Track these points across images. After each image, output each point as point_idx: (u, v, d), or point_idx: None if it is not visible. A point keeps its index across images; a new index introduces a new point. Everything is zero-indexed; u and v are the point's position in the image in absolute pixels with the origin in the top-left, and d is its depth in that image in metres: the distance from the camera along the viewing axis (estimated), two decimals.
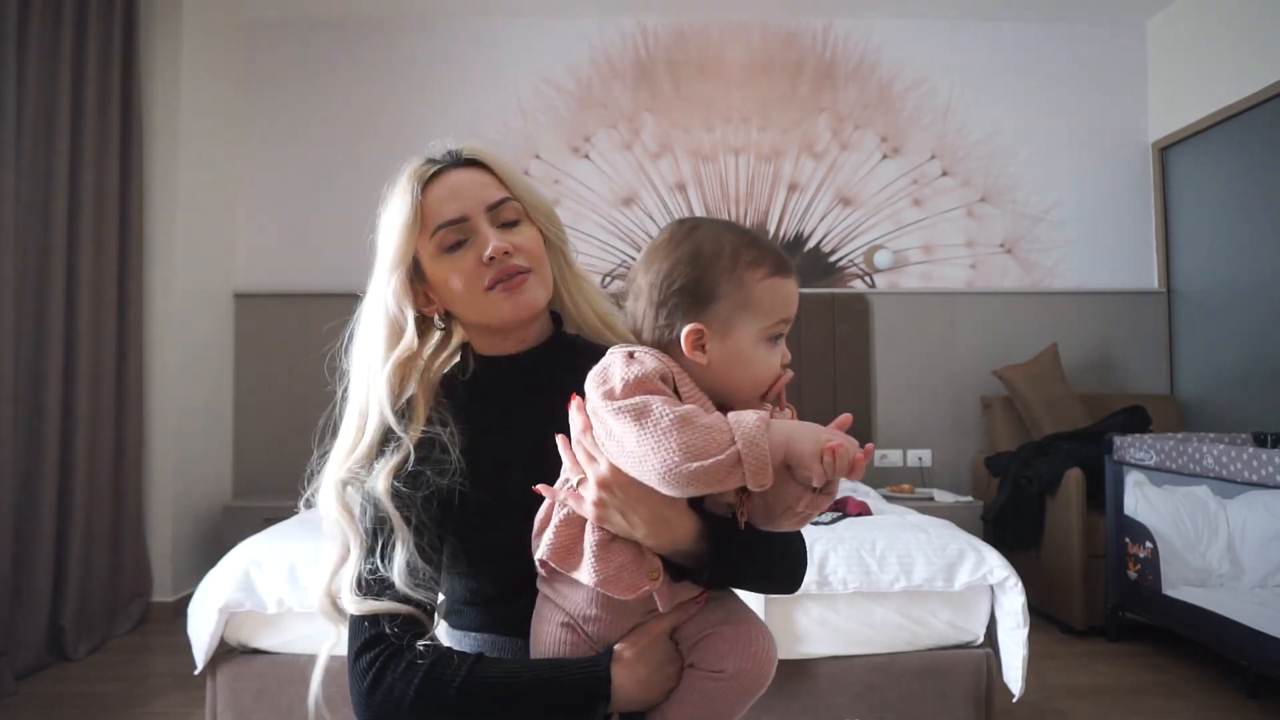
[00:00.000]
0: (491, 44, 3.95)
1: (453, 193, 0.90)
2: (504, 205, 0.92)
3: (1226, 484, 2.52)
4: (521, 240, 0.91)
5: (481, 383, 0.96)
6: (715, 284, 0.79)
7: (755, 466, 0.70)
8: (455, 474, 0.87)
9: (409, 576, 0.84)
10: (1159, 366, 3.92)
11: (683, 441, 0.70)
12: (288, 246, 3.88)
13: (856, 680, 1.92)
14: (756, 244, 0.81)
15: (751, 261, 0.79)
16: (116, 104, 3.09)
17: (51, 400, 2.77)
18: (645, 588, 0.78)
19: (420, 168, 0.92)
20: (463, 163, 0.93)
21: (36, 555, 2.70)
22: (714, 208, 3.95)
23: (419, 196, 0.90)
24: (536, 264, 0.92)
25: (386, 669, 0.81)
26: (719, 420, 0.73)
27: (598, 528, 0.78)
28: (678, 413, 0.72)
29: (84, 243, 2.92)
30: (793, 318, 0.82)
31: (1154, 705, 2.37)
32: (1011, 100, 3.98)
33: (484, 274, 0.89)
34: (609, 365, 0.79)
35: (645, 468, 0.73)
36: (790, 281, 0.81)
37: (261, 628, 1.92)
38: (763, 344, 0.80)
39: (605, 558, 0.77)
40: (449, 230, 0.89)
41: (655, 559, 0.79)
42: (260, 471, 3.78)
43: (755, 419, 0.72)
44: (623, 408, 0.74)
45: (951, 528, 2.11)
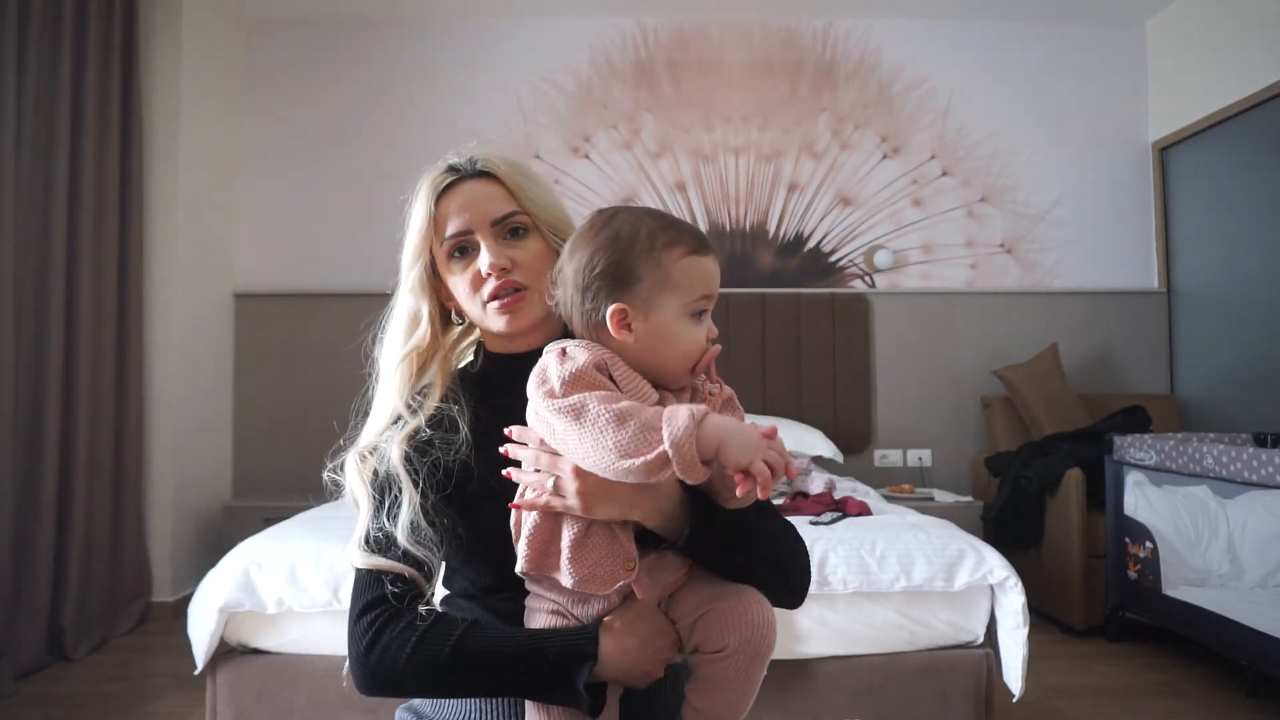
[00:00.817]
0: (491, 44, 3.95)
1: (462, 205, 0.96)
2: (509, 219, 0.96)
3: (1226, 484, 2.52)
4: (523, 255, 0.95)
5: (489, 378, 1.00)
6: (634, 265, 0.83)
7: (683, 465, 0.72)
8: (462, 449, 0.92)
9: (411, 534, 0.88)
10: (1159, 366, 3.92)
11: (616, 440, 0.74)
12: (288, 246, 3.87)
13: (856, 680, 1.92)
14: (673, 226, 0.85)
15: (669, 242, 0.83)
16: (116, 104, 3.09)
17: (51, 400, 2.77)
18: (621, 580, 0.80)
19: (438, 177, 0.98)
20: (477, 173, 0.98)
21: (36, 555, 2.70)
22: (714, 208, 3.95)
23: (433, 206, 0.96)
24: (534, 279, 0.95)
25: (385, 629, 0.85)
26: (654, 418, 0.74)
27: (573, 524, 0.81)
28: (614, 410, 0.75)
29: (84, 243, 2.92)
30: (714, 293, 0.85)
31: (1154, 705, 2.37)
32: (1011, 100, 3.98)
33: (483, 286, 0.94)
34: (546, 365, 0.82)
35: (588, 463, 0.77)
36: (707, 259, 0.84)
37: (261, 628, 1.91)
38: (685, 319, 0.83)
39: (580, 557, 0.80)
40: (455, 241, 0.96)
41: (631, 548, 0.81)
42: (260, 471, 3.78)
43: (686, 418, 0.73)
44: (562, 407, 0.77)
45: (951, 528, 2.11)
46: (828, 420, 3.77)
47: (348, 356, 0.98)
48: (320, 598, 1.85)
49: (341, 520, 2.30)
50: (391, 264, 1.03)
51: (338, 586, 1.85)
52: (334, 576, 1.86)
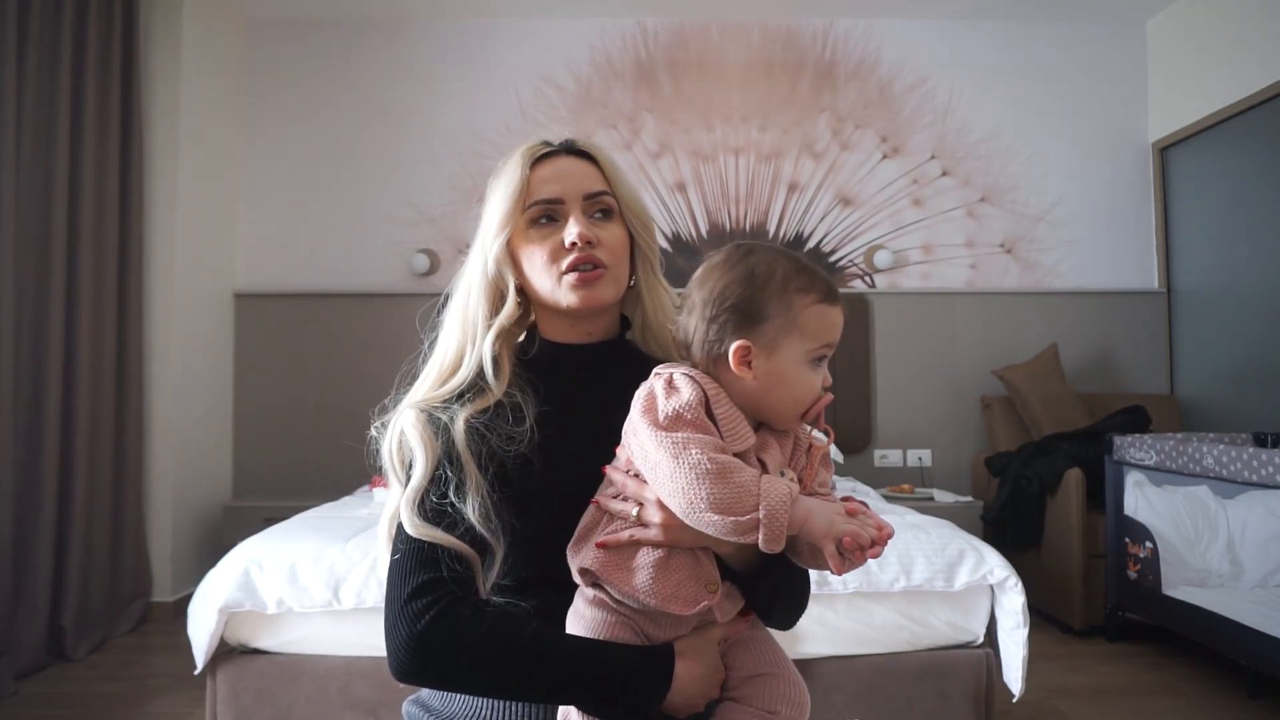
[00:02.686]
0: (491, 44, 3.95)
1: (557, 175, 0.95)
2: (600, 197, 0.95)
3: (1226, 484, 2.52)
4: (607, 236, 0.94)
5: (544, 364, 0.97)
6: (766, 304, 0.83)
7: (771, 535, 0.73)
8: (524, 441, 0.89)
9: (484, 520, 0.84)
10: (1159, 366, 3.92)
11: (712, 492, 0.74)
12: (288, 246, 3.87)
13: (856, 680, 1.92)
14: (808, 271, 0.85)
15: (801, 287, 0.84)
16: (116, 104, 3.09)
17: (51, 400, 2.77)
18: (704, 602, 0.80)
19: (534, 146, 0.98)
20: (574, 151, 0.98)
21: (36, 555, 2.70)
22: (714, 208, 3.95)
23: (528, 172, 0.95)
24: (614, 262, 0.94)
25: (448, 613, 0.80)
26: (751, 481, 0.75)
27: (655, 548, 0.81)
28: (717, 463, 0.76)
29: (84, 243, 2.92)
30: (835, 343, 0.86)
31: (1154, 705, 2.37)
32: (1011, 100, 3.98)
33: (563, 257, 0.92)
34: (653, 390, 0.83)
35: (672, 500, 0.77)
36: (836, 309, 0.85)
37: (261, 628, 1.91)
38: (806, 365, 0.84)
39: (664, 577, 0.80)
40: (543, 207, 0.94)
41: (714, 570, 0.82)
42: (260, 471, 3.78)
43: (785, 491, 0.75)
44: (662, 440, 0.78)
45: (951, 528, 2.11)
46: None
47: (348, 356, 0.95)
48: (320, 598, 1.85)
49: (342, 520, 2.30)
50: (390, 265, 1.01)
51: (338, 586, 1.85)
52: (334, 576, 1.86)
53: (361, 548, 1.93)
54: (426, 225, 3.83)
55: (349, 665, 1.89)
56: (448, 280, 1.03)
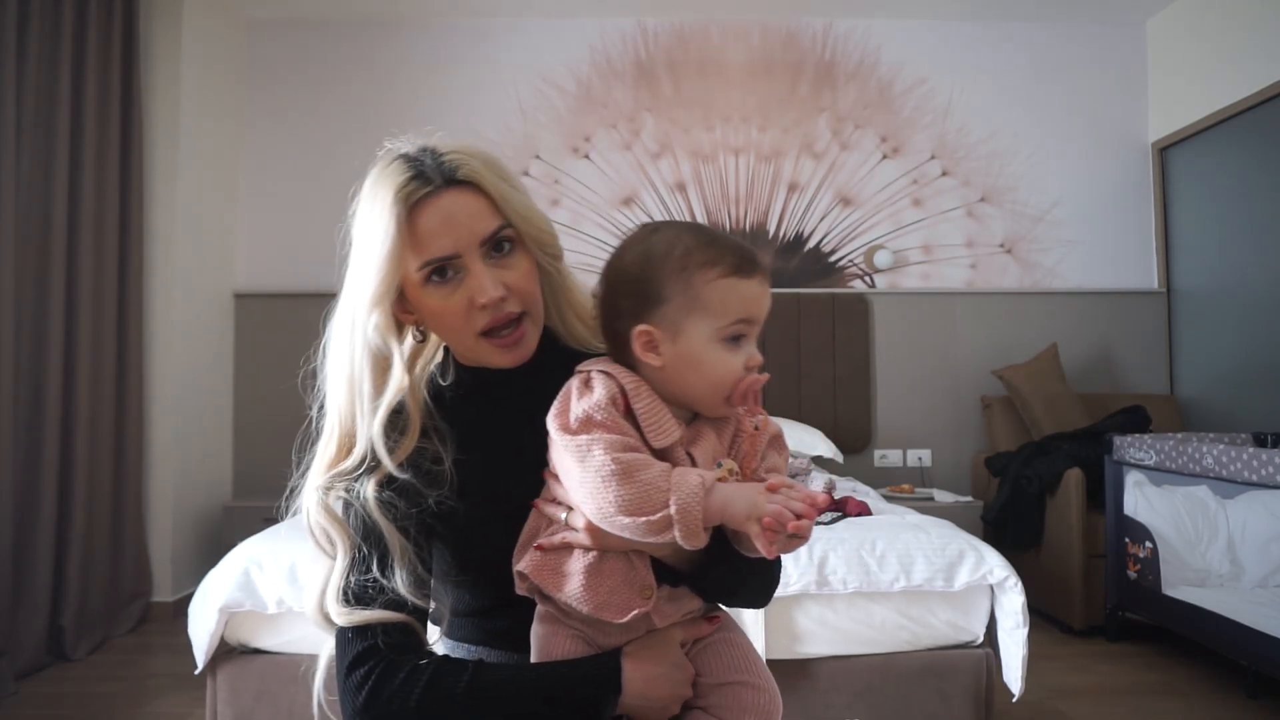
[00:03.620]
0: (491, 44, 3.95)
1: (444, 223, 0.82)
2: (498, 234, 0.84)
3: (1226, 484, 2.52)
4: (514, 278, 0.85)
5: (466, 391, 0.91)
6: (664, 284, 0.78)
7: (687, 530, 0.70)
8: (448, 486, 0.84)
9: (415, 588, 0.81)
10: (1159, 366, 3.92)
11: (619, 494, 0.71)
12: (288, 246, 3.87)
13: (856, 680, 1.92)
14: (714, 244, 0.79)
15: (704, 261, 0.78)
16: (116, 104, 3.09)
17: (51, 400, 2.77)
18: (636, 610, 0.77)
19: (405, 187, 0.82)
20: (454, 181, 0.84)
21: (36, 555, 2.70)
22: (714, 208, 3.95)
23: (404, 223, 0.81)
24: (530, 302, 0.86)
25: (384, 680, 0.77)
26: (660, 476, 0.71)
27: (587, 552, 0.77)
28: (621, 463, 0.72)
29: (84, 243, 2.92)
30: (756, 318, 0.79)
31: (1154, 705, 2.37)
32: (1011, 100, 3.98)
33: (475, 318, 0.83)
34: (569, 391, 0.79)
35: (588, 508, 0.74)
36: (750, 281, 0.78)
37: (261, 628, 1.92)
38: (718, 345, 0.78)
39: (595, 583, 0.76)
40: (439, 264, 0.83)
41: (648, 576, 0.78)
42: (260, 471, 3.78)
43: (696, 482, 0.71)
44: (568, 445, 0.75)
45: (951, 528, 2.11)
46: (828, 420, 3.77)
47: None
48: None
49: None
50: None
51: None
52: None
53: None
54: None
55: None
56: None
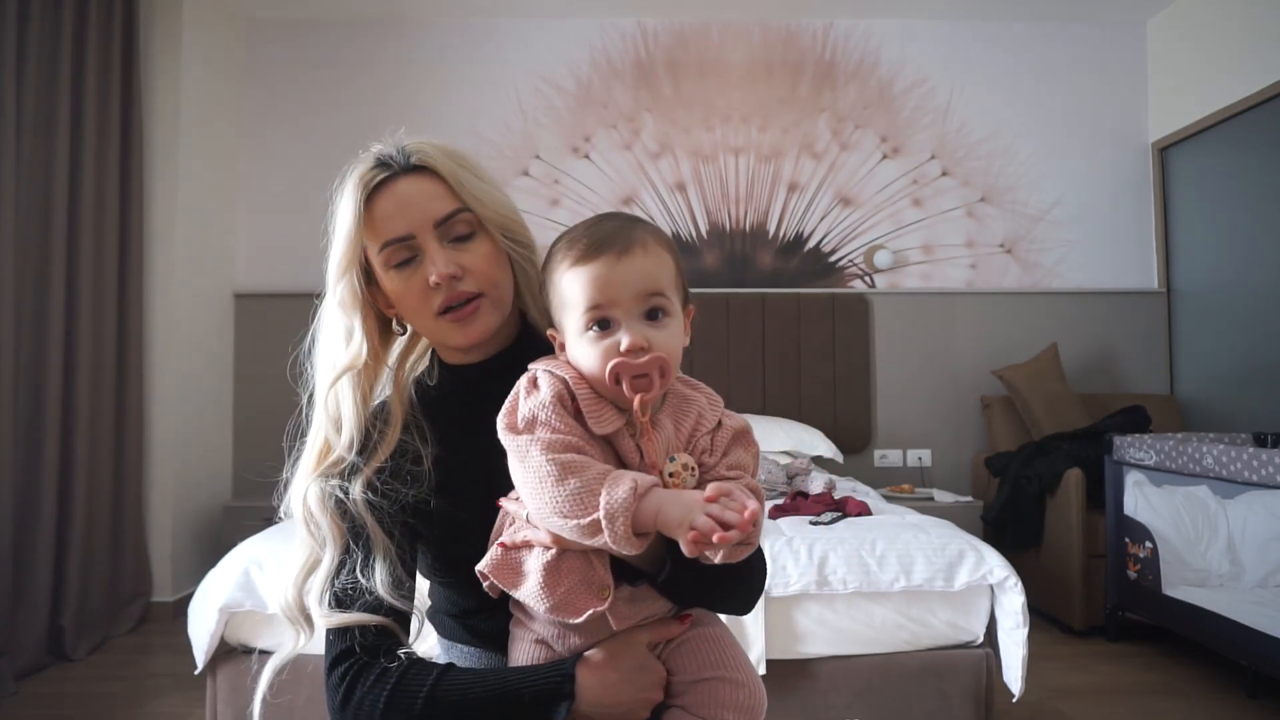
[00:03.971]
0: (491, 44, 3.95)
1: (399, 206, 0.85)
2: (454, 219, 0.86)
3: (1226, 484, 2.52)
4: (471, 260, 0.86)
5: (448, 391, 0.93)
6: (546, 285, 0.80)
7: (615, 536, 0.68)
8: (426, 485, 0.86)
9: (394, 589, 0.83)
10: (1159, 366, 3.92)
11: (553, 495, 0.70)
12: (288, 246, 3.87)
13: (856, 680, 1.92)
14: (573, 236, 0.78)
15: (561, 258, 0.78)
16: (116, 104, 3.09)
17: (51, 401, 2.77)
18: (593, 609, 0.75)
19: (367, 174, 0.86)
20: (411, 168, 0.87)
21: (36, 555, 2.70)
22: (714, 208, 3.95)
23: (362, 206, 0.85)
24: (488, 285, 0.87)
25: (357, 682, 0.80)
26: (594, 480, 0.70)
27: (546, 550, 0.76)
28: (557, 463, 0.71)
29: (84, 243, 2.92)
30: (606, 301, 0.75)
31: (1154, 705, 2.37)
32: (1011, 100, 3.98)
33: (432, 298, 0.85)
34: (517, 391, 0.79)
35: (528, 504, 0.74)
36: (591, 264, 0.75)
37: (261, 628, 1.91)
38: (584, 336, 0.76)
39: (553, 582, 0.75)
40: (396, 248, 0.85)
41: (606, 576, 0.76)
42: (260, 471, 3.77)
43: (628, 487, 0.68)
44: (510, 445, 0.75)
45: (951, 528, 2.11)
46: (828, 420, 3.77)
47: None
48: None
49: None
50: None
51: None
52: None
53: None
54: None
55: None
56: None
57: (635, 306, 0.75)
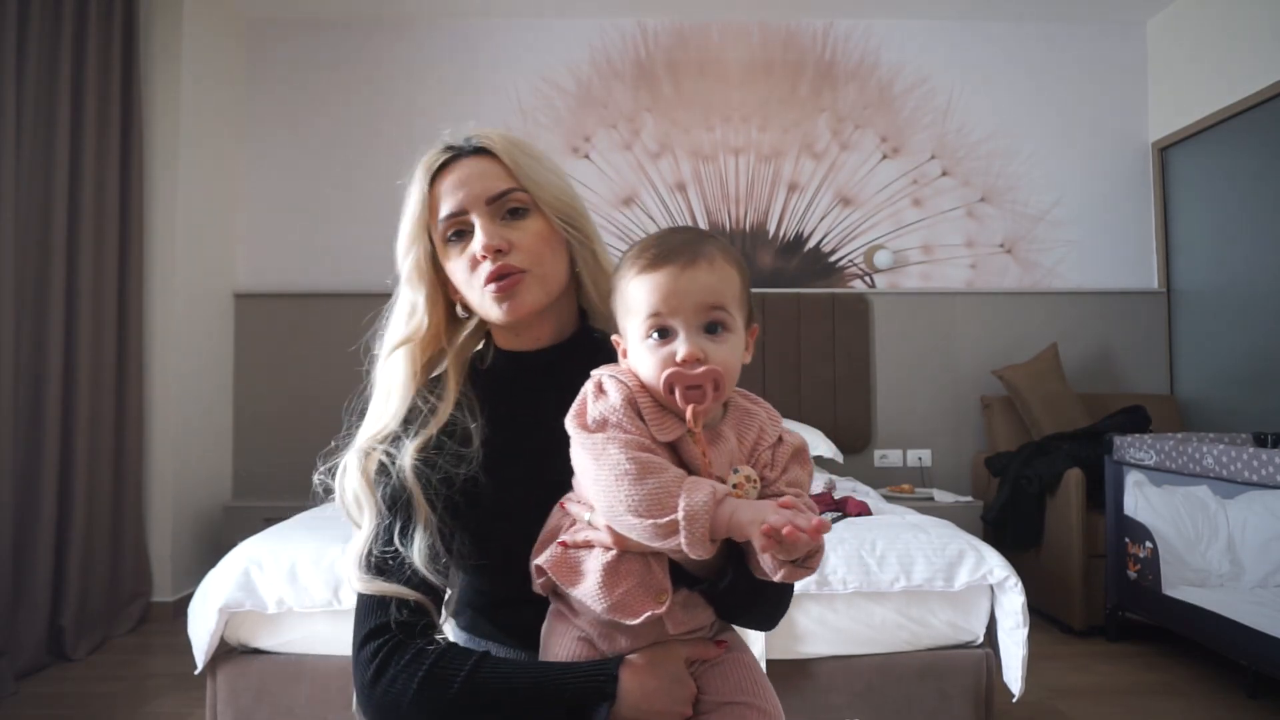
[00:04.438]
0: (491, 44, 3.95)
1: (457, 184, 0.90)
2: (507, 197, 0.89)
3: (1226, 484, 2.52)
4: (521, 237, 0.88)
5: (499, 375, 0.95)
6: (613, 291, 0.82)
7: (692, 537, 0.69)
8: (474, 463, 0.87)
9: (430, 561, 0.83)
10: (1159, 366, 3.92)
11: (630, 493, 0.71)
12: (288, 246, 3.87)
13: (856, 680, 1.92)
14: (645, 245, 0.79)
15: (628, 264, 0.79)
16: (116, 104, 3.09)
17: (51, 400, 2.77)
18: (650, 611, 0.75)
19: (431, 157, 0.92)
20: (473, 150, 0.91)
21: (36, 555, 2.70)
22: (714, 208, 3.95)
23: (426, 187, 0.90)
24: (534, 262, 0.88)
25: (390, 660, 0.80)
26: (672, 481, 0.71)
27: (606, 551, 0.77)
28: (636, 462, 0.72)
29: (84, 243, 2.92)
30: (666, 309, 0.75)
31: (1154, 705, 2.37)
32: (1011, 100, 3.98)
33: (480, 272, 0.88)
34: (584, 394, 0.79)
35: (597, 503, 0.74)
36: (659, 273, 0.76)
37: (261, 628, 1.91)
38: (644, 344, 0.77)
39: (611, 583, 0.75)
40: (449, 222, 0.90)
41: (665, 580, 0.77)
42: (260, 471, 3.78)
43: (708, 491, 0.70)
44: (584, 442, 0.75)
45: (951, 528, 2.11)
46: (828, 420, 3.77)
47: (348, 356, 0.94)
48: (320, 598, 1.85)
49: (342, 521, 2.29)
50: (391, 265, 0.98)
51: (338, 586, 1.85)
52: (334, 576, 1.86)
53: None
54: None
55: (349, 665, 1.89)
56: None
57: (695, 318, 0.76)
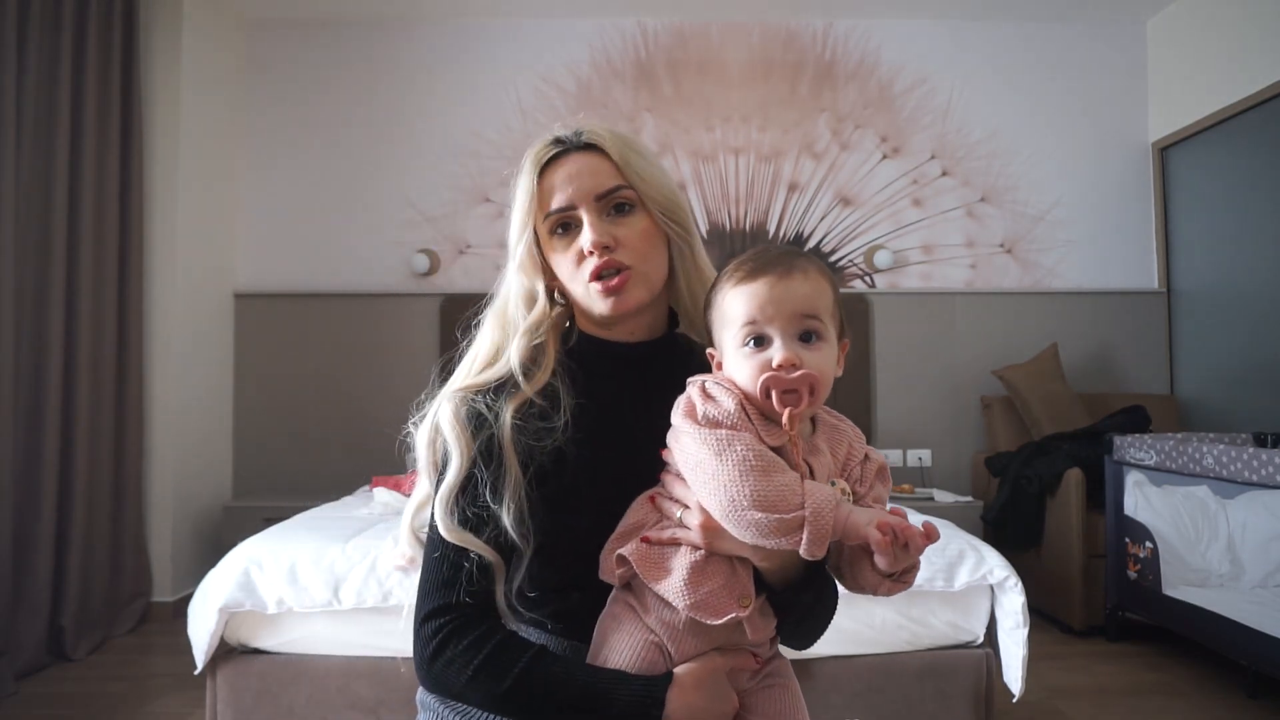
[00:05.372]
0: (491, 44, 3.95)
1: (566, 178, 0.91)
2: (615, 194, 0.90)
3: (1226, 484, 2.52)
4: (627, 234, 0.90)
5: (583, 357, 0.95)
6: (709, 306, 0.85)
7: (816, 535, 0.71)
8: (559, 434, 0.87)
9: (518, 524, 0.84)
10: (1159, 366, 3.92)
11: (755, 488, 0.72)
12: (288, 246, 3.87)
13: (856, 680, 1.92)
14: (743, 261, 0.82)
15: (726, 276, 0.82)
16: (116, 104, 3.09)
17: (51, 400, 2.77)
18: (733, 613, 0.77)
19: (540, 150, 0.93)
20: (582, 146, 0.92)
21: (36, 555, 2.70)
22: (714, 208, 3.95)
23: (535, 180, 0.92)
24: (639, 260, 0.90)
25: (449, 641, 0.82)
26: (795, 481, 0.74)
27: (693, 551, 0.78)
28: (763, 460, 0.74)
29: (84, 243, 2.92)
30: (763, 317, 0.78)
31: (1154, 705, 2.37)
32: (1011, 100, 3.98)
33: (585, 265, 0.89)
34: (691, 397, 0.81)
35: (713, 499, 0.75)
36: (755, 283, 0.79)
37: (261, 628, 1.91)
38: (739, 352, 0.80)
39: (697, 581, 0.77)
40: (557, 217, 0.91)
41: (749, 584, 0.79)
42: (260, 471, 3.78)
43: (831, 492, 0.73)
44: (706, 438, 0.76)
45: (951, 528, 2.11)
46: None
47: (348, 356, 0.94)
48: (320, 598, 1.85)
49: (342, 520, 2.30)
50: (391, 264, 0.99)
51: (338, 586, 1.85)
52: (334, 576, 1.86)
53: (361, 548, 1.93)
54: (426, 225, 3.81)
55: (349, 665, 1.89)
56: (448, 280, 1.02)
57: (790, 326, 0.78)
